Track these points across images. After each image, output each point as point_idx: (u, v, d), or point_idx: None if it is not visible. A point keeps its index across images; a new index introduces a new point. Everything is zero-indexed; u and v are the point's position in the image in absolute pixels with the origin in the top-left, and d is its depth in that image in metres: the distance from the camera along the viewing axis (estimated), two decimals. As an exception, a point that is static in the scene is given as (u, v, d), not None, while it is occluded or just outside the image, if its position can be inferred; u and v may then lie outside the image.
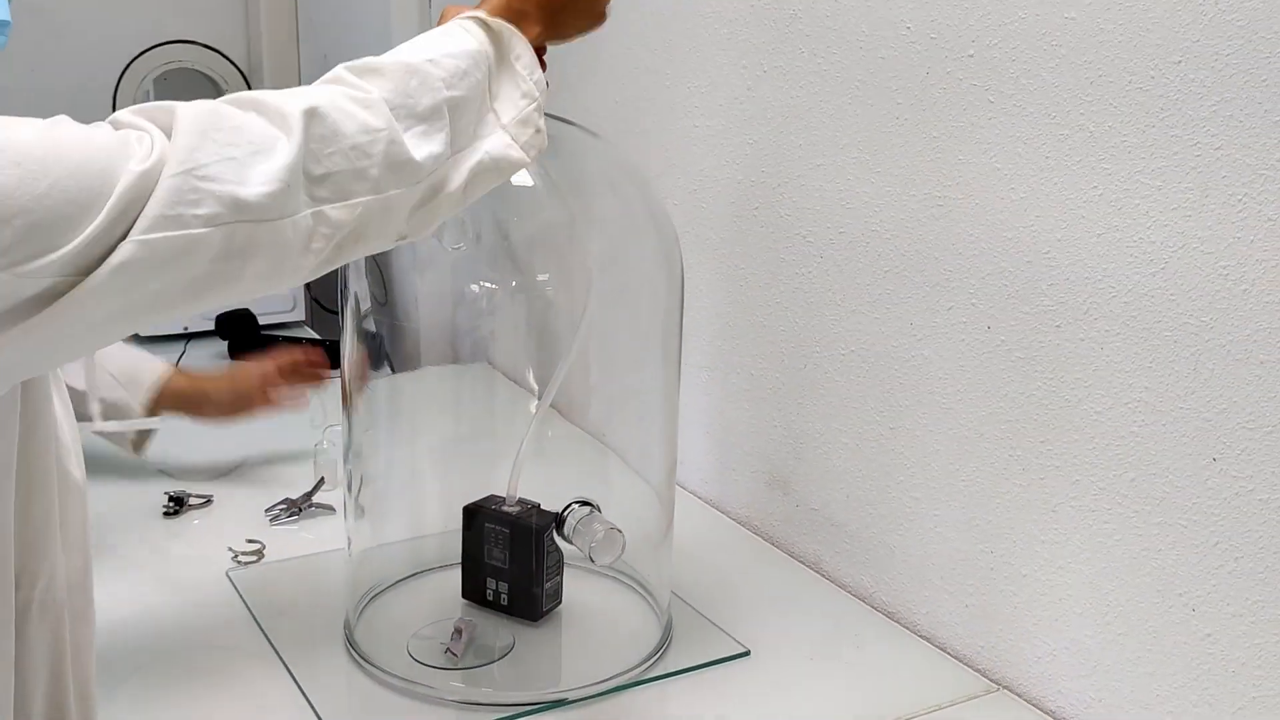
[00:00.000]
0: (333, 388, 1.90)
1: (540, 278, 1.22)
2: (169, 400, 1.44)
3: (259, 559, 1.30)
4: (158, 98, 2.64)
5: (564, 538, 1.12)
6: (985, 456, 1.11)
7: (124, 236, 0.65)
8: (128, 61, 2.52)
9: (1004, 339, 1.08)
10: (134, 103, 0.78)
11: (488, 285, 1.21)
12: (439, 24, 0.91)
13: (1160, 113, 0.92)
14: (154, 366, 1.45)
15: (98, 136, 0.68)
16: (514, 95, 0.87)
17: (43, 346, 0.67)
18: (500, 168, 0.86)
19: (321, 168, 0.74)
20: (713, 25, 1.39)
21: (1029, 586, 1.08)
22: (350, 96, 0.77)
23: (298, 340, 1.84)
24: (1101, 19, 0.95)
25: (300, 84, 3.07)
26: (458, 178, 0.83)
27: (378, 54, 0.82)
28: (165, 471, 1.49)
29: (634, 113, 1.55)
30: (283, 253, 0.73)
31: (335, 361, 1.97)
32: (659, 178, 1.50)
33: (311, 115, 0.74)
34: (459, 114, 0.83)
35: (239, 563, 1.29)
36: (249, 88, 2.65)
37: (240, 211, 0.69)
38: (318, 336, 1.98)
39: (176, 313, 0.73)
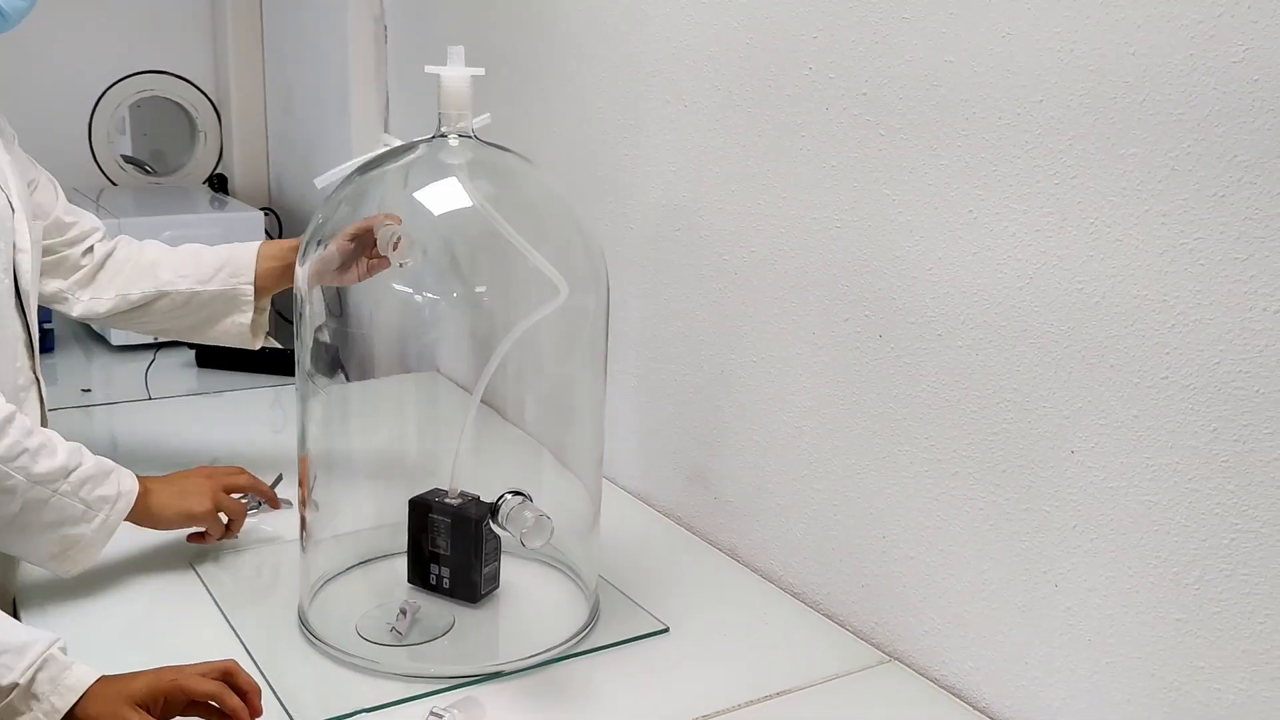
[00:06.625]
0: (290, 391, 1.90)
1: (478, 289, 1.24)
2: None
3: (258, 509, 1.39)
4: (132, 124, 2.63)
5: (499, 525, 1.13)
6: (878, 452, 1.15)
7: None
8: (102, 91, 2.51)
9: (893, 346, 1.12)
10: (109, 129, 0.71)
11: (432, 296, 1.23)
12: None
13: (1026, 145, 0.96)
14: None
15: None
16: None
17: None
18: None
19: None
20: (639, 69, 1.42)
21: (916, 568, 1.12)
22: None
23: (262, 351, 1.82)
24: (975, 63, 0.99)
25: (266, 110, 2.98)
26: None
27: (338, 80, 0.74)
28: None
29: (568, 143, 1.57)
30: None
31: (290, 368, 1.97)
32: (589, 202, 1.52)
33: None
34: None
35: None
36: (218, 115, 2.64)
37: None
38: (278, 345, 1.97)
39: None
